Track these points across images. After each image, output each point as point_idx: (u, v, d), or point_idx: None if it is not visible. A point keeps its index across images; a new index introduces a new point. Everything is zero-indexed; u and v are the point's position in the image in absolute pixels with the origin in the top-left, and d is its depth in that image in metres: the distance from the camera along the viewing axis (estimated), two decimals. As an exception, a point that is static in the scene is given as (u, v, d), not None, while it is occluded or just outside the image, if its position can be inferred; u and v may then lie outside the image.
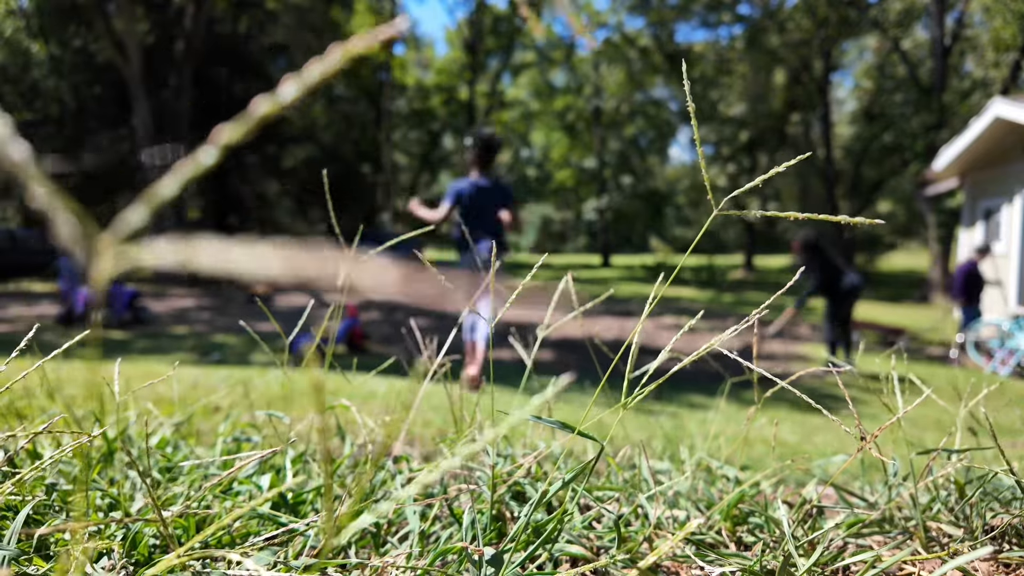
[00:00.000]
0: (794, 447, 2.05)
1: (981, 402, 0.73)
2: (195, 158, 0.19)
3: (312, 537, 0.58)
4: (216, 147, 0.19)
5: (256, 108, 0.19)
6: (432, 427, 1.53)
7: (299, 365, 4.41)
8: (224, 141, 0.19)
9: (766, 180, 0.44)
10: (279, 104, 0.19)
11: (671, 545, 0.32)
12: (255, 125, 0.19)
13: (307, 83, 0.19)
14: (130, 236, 0.18)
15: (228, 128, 0.19)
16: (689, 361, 0.52)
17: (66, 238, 0.17)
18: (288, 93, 0.19)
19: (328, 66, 0.19)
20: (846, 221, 0.42)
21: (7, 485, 0.54)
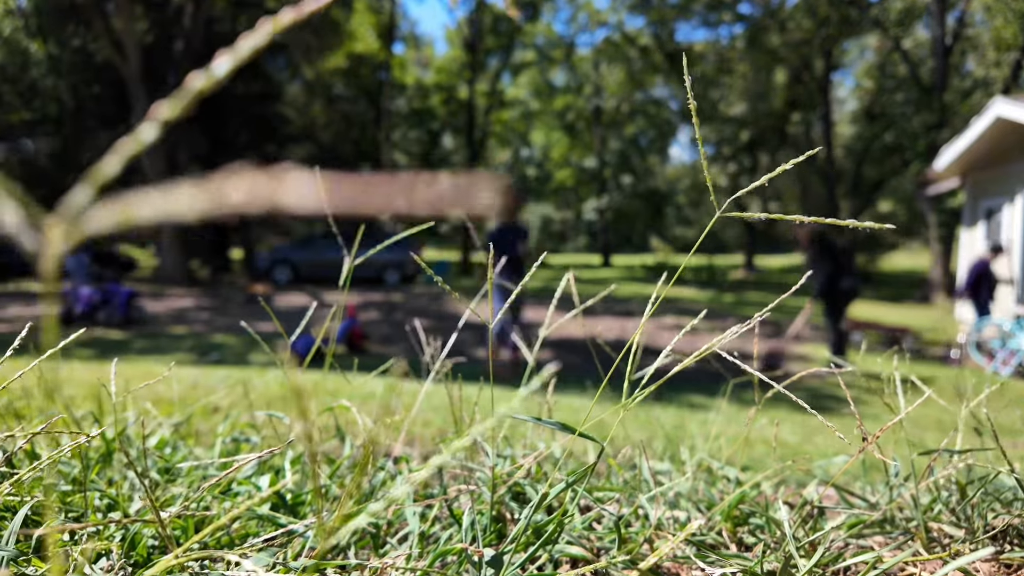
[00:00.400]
0: (795, 448, 2.05)
1: (982, 402, 0.73)
2: (136, 135, 0.19)
3: (311, 538, 0.58)
4: (156, 124, 0.19)
5: (192, 83, 0.19)
6: (432, 427, 1.53)
7: (300, 366, 4.38)
8: (163, 117, 0.19)
9: (768, 180, 0.44)
10: (213, 78, 0.19)
11: (672, 546, 0.32)
12: (192, 101, 0.19)
13: (240, 57, 0.19)
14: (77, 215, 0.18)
15: (167, 105, 0.19)
16: (691, 361, 0.52)
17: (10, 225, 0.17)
18: (222, 67, 0.19)
19: (259, 39, 0.19)
20: (852, 225, 0.41)
21: (5, 485, 0.54)
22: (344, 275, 0.66)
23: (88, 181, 0.18)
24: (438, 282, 0.53)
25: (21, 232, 0.17)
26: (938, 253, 11.70)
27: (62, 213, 0.18)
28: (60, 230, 0.18)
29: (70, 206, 0.18)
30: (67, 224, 0.18)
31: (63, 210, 0.18)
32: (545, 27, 21.67)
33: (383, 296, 10.85)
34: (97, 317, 6.64)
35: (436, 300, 10.33)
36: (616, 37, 20.33)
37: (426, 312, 8.85)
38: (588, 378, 3.92)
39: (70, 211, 0.18)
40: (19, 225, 0.17)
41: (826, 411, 3.61)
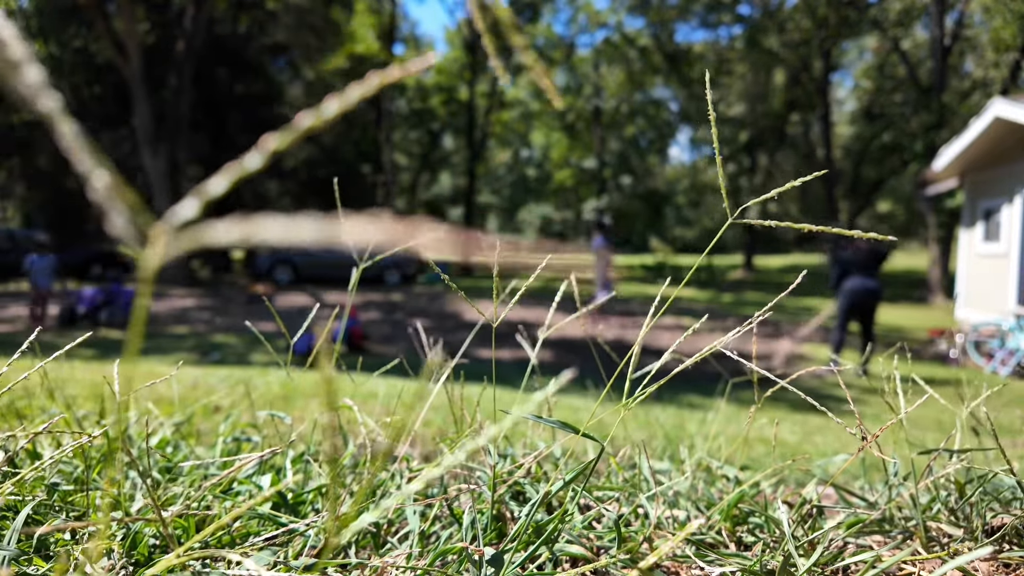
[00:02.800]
0: (794, 447, 2.05)
1: (982, 402, 0.73)
2: (242, 161, 0.20)
3: (312, 537, 0.58)
4: (262, 153, 0.20)
5: (302, 121, 0.21)
6: (432, 427, 1.53)
7: (301, 365, 4.41)
8: (270, 148, 0.20)
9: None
10: (322, 119, 0.20)
11: (671, 545, 0.32)
12: (300, 137, 0.21)
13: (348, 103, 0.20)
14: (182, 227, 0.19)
15: (275, 137, 0.20)
16: (692, 362, 0.52)
17: (120, 228, 0.18)
18: (331, 110, 0.21)
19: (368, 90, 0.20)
20: (858, 235, 0.41)
21: (7, 485, 0.54)
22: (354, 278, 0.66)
23: (195, 196, 0.19)
24: (444, 280, 0.54)
25: (129, 237, 0.18)
26: (937, 253, 11.70)
27: (168, 222, 0.19)
28: (165, 238, 0.19)
29: (174, 216, 0.19)
30: (173, 233, 0.19)
31: (169, 219, 0.19)
32: (545, 28, 21.70)
33: (383, 296, 10.85)
34: (99, 317, 6.64)
35: (436, 300, 10.33)
36: (616, 38, 20.35)
37: (426, 312, 8.85)
38: (588, 378, 3.92)
39: (175, 221, 0.19)
40: (127, 229, 0.18)
41: (824, 411, 3.60)
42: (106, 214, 0.18)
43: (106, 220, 0.18)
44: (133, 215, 0.18)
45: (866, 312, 4.87)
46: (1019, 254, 6.90)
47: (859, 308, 4.85)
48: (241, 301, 9.74)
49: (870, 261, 4.83)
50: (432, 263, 0.56)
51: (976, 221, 8.03)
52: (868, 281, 4.80)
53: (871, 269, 4.84)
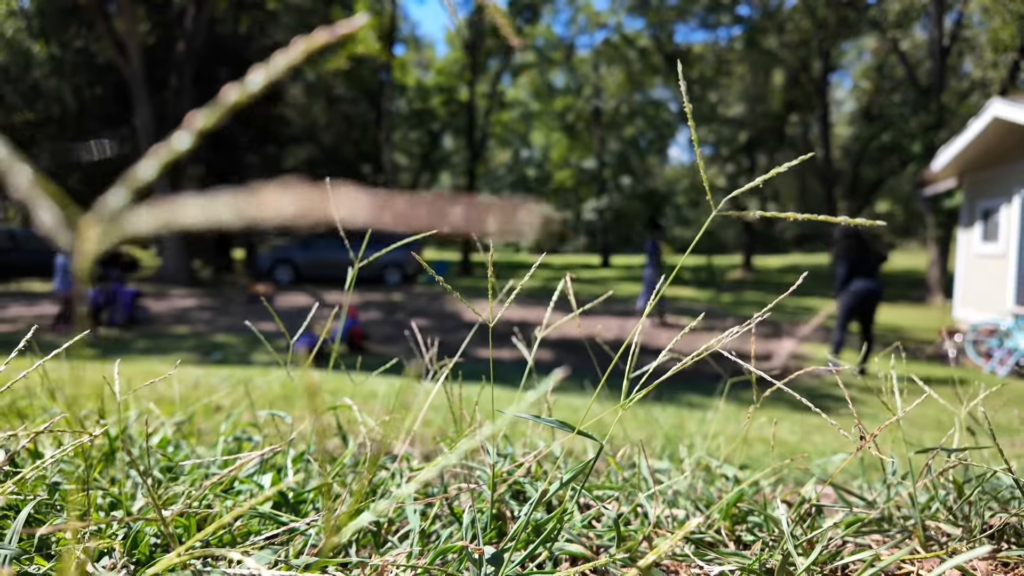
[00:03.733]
0: (793, 446, 2.05)
1: (980, 402, 0.73)
2: (170, 143, 0.19)
3: (313, 536, 0.58)
4: (192, 132, 0.19)
5: (227, 95, 0.19)
6: (432, 427, 1.53)
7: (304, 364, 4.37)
8: (198, 127, 0.19)
9: (766, 180, 0.44)
10: (248, 92, 0.19)
11: (670, 544, 0.32)
12: (226, 112, 0.19)
13: (274, 72, 0.19)
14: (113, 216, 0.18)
15: (202, 114, 0.19)
16: (689, 361, 0.53)
17: (48, 224, 0.17)
18: (256, 81, 0.19)
19: (292, 57, 0.20)
20: (845, 222, 0.42)
21: (8, 484, 0.54)
22: (350, 277, 0.66)
23: (124, 183, 0.19)
24: (440, 282, 0.54)
25: (57, 231, 0.17)
26: (935, 253, 11.72)
27: (98, 213, 0.18)
28: (95, 231, 0.18)
29: (105, 207, 0.18)
30: (103, 225, 0.18)
31: (99, 210, 0.18)
32: (545, 29, 21.71)
33: (383, 296, 10.85)
34: (101, 317, 6.64)
35: (436, 300, 10.33)
36: (615, 39, 20.36)
37: (426, 312, 8.84)
38: (587, 378, 3.92)
39: (105, 212, 0.18)
40: (56, 224, 0.17)
41: (824, 411, 3.60)
42: (33, 210, 0.17)
43: (33, 216, 0.18)
44: (60, 209, 0.17)
45: (866, 313, 4.92)
46: (1017, 254, 6.91)
47: (860, 309, 4.91)
48: (242, 301, 9.74)
49: (871, 263, 4.89)
50: (426, 264, 0.56)
51: (974, 221, 8.04)
52: (870, 282, 4.87)
53: (872, 271, 4.90)
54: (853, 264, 4.87)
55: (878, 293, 4.89)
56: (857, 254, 4.86)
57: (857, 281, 4.88)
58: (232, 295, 10.74)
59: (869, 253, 4.88)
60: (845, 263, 4.89)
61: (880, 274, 4.96)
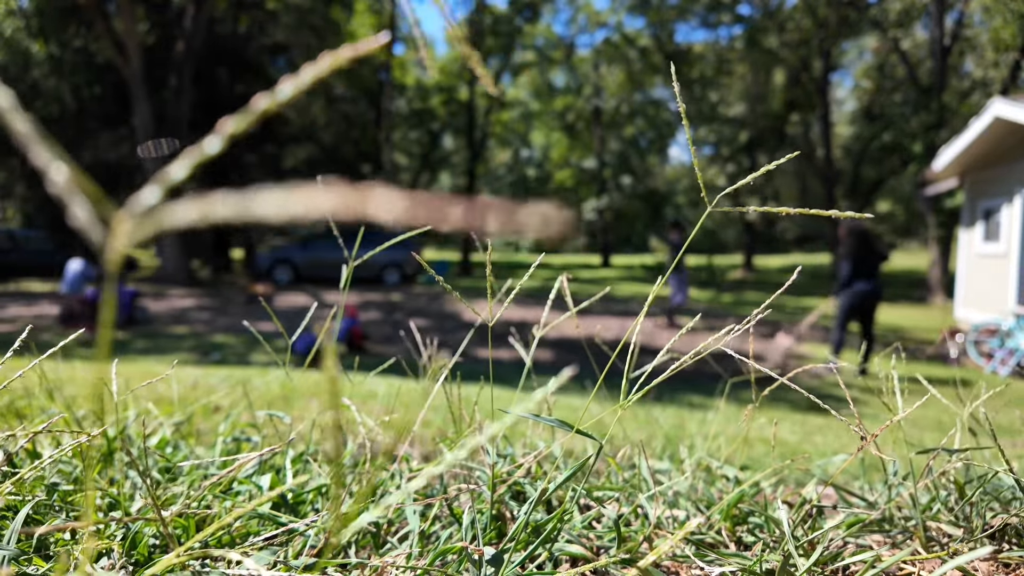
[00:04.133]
0: (794, 447, 2.05)
1: (981, 402, 0.73)
2: (200, 146, 0.20)
3: (312, 537, 0.58)
4: (220, 137, 0.20)
5: (257, 104, 0.20)
6: (432, 427, 1.53)
7: (300, 365, 4.41)
8: (228, 132, 0.20)
9: (766, 180, 0.44)
10: (278, 102, 0.19)
11: (671, 545, 0.32)
12: (256, 119, 0.20)
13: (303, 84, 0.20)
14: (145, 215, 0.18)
15: (232, 120, 0.20)
16: (688, 359, 0.52)
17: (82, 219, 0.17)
18: (285, 92, 0.20)
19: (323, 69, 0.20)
20: (836, 215, 0.42)
21: (7, 485, 0.54)
22: (345, 276, 0.66)
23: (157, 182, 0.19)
24: (439, 282, 0.54)
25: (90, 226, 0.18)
26: (936, 253, 11.71)
27: (130, 210, 0.18)
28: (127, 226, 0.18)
29: (137, 203, 0.18)
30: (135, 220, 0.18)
31: (131, 207, 0.18)
32: (545, 28, 21.70)
33: (383, 296, 10.85)
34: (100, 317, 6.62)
35: (436, 300, 10.33)
36: (616, 38, 20.35)
37: (426, 312, 8.84)
38: (588, 378, 3.92)
39: (138, 208, 0.18)
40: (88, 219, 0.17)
41: (824, 411, 3.60)
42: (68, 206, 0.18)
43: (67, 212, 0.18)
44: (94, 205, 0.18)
45: (866, 313, 4.92)
46: (1019, 254, 6.91)
47: (860, 309, 4.91)
48: (241, 301, 9.74)
49: (874, 263, 4.89)
50: (426, 264, 0.56)
51: (976, 221, 8.04)
52: (870, 283, 4.87)
53: (874, 271, 4.90)
54: (856, 263, 4.87)
55: (878, 294, 4.90)
56: (861, 254, 4.86)
57: (858, 281, 4.87)
58: (231, 295, 10.74)
59: (873, 253, 4.88)
60: (849, 262, 4.89)
61: (880, 274, 4.96)
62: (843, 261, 4.96)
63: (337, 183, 0.17)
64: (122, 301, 6.73)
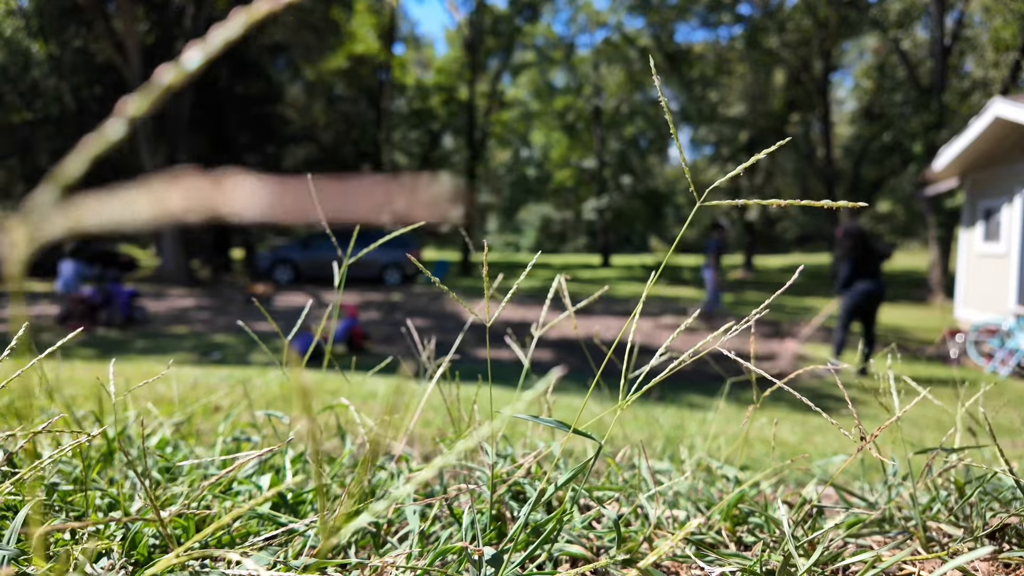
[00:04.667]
0: (794, 447, 2.05)
1: (980, 402, 0.73)
2: (101, 133, 0.19)
3: (312, 537, 0.58)
4: (122, 120, 0.18)
5: (161, 77, 0.19)
6: (432, 427, 1.53)
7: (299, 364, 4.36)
8: (130, 113, 0.19)
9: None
10: (184, 72, 0.19)
11: (671, 545, 0.32)
12: (161, 96, 0.19)
13: (211, 49, 0.19)
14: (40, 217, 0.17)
15: (133, 100, 0.19)
16: (686, 358, 0.52)
17: None
18: (193, 59, 0.19)
19: (233, 31, 0.19)
20: (828, 206, 0.42)
21: (7, 485, 0.54)
22: (339, 275, 0.66)
23: (52, 181, 0.18)
24: (435, 283, 0.54)
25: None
26: (937, 253, 11.71)
27: (25, 214, 0.18)
28: (23, 232, 0.17)
29: (34, 207, 0.18)
30: (30, 226, 0.17)
31: (27, 211, 0.18)
32: (545, 28, 21.69)
33: (383, 296, 10.85)
34: (98, 318, 6.62)
35: (436, 300, 10.33)
36: (616, 38, 20.34)
37: (426, 312, 8.84)
38: (588, 378, 3.92)
39: (34, 212, 0.18)
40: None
41: (825, 411, 3.59)
42: None
43: None
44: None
45: (868, 313, 4.91)
46: (1019, 254, 6.91)
47: (862, 309, 4.90)
48: (241, 301, 9.74)
49: (875, 262, 4.87)
50: (421, 266, 0.56)
51: (976, 221, 8.03)
52: (872, 283, 4.85)
53: (876, 271, 4.88)
54: (856, 263, 4.85)
55: (880, 294, 4.87)
56: (860, 253, 4.84)
57: (860, 281, 4.85)
58: (231, 295, 10.74)
59: (873, 252, 4.86)
60: (849, 262, 4.88)
61: (882, 273, 4.95)
62: (842, 263, 4.95)
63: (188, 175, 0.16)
64: (120, 301, 6.73)
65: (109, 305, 6.67)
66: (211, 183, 0.16)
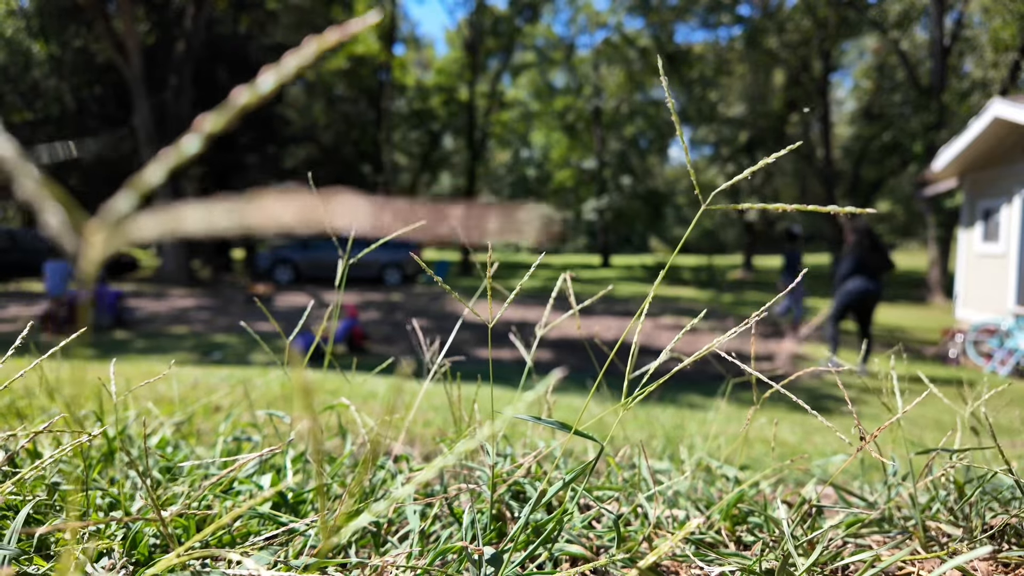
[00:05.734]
0: (794, 447, 2.05)
1: (982, 402, 0.73)
2: (179, 146, 0.19)
3: (312, 536, 0.58)
4: (200, 136, 0.19)
5: (237, 97, 0.19)
6: (432, 427, 1.53)
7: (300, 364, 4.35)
8: (208, 130, 0.19)
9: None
10: (259, 94, 0.19)
11: (671, 545, 0.32)
12: (237, 114, 0.19)
13: (285, 74, 0.19)
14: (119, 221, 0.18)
15: (211, 117, 0.19)
16: (691, 361, 0.52)
17: (54, 227, 0.17)
18: (267, 83, 0.19)
19: (305, 58, 0.19)
20: (834, 211, 0.41)
21: (7, 484, 0.54)
22: (339, 274, 0.66)
23: (131, 188, 0.18)
24: (438, 282, 0.54)
25: (64, 235, 0.17)
26: (936, 253, 11.72)
27: (104, 218, 0.18)
28: (101, 235, 0.18)
29: (111, 212, 0.18)
30: (108, 229, 0.18)
31: (104, 215, 0.18)
32: (545, 29, 21.70)
33: (383, 296, 10.85)
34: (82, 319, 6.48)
35: (436, 300, 10.33)
36: (616, 38, 20.35)
37: (426, 312, 8.84)
38: (588, 378, 3.92)
39: (111, 217, 0.18)
40: (62, 228, 0.17)
41: (825, 411, 3.60)
42: (40, 212, 0.17)
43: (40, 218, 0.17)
44: (67, 213, 0.17)
45: (865, 312, 4.92)
46: (1018, 254, 6.91)
47: (858, 307, 4.91)
48: (241, 301, 9.74)
49: (876, 262, 4.88)
50: (424, 265, 0.56)
51: (975, 221, 8.04)
52: (870, 282, 4.86)
53: (875, 270, 4.90)
54: (859, 260, 4.86)
55: (877, 293, 4.88)
56: (866, 251, 4.86)
57: (857, 279, 4.87)
58: (231, 295, 10.74)
59: (878, 251, 4.88)
60: (852, 258, 4.89)
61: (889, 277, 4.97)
62: (846, 257, 4.95)
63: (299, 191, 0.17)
64: (107, 302, 6.64)
65: (94, 307, 6.55)
66: (320, 199, 0.16)
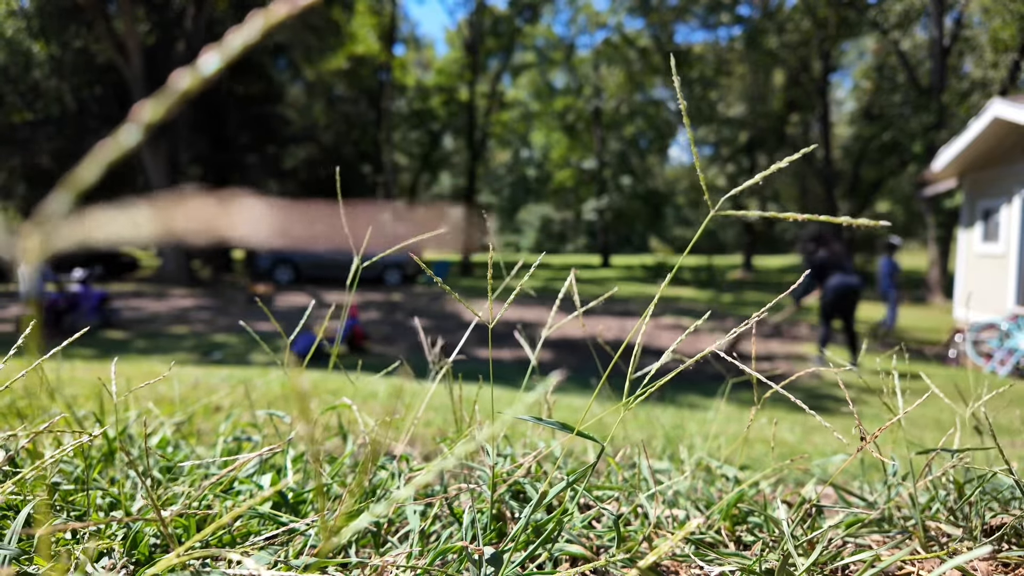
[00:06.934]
0: (793, 447, 2.05)
1: (984, 402, 0.73)
2: (115, 139, 0.18)
3: (312, 536, 0.58)
4: (138, 126, 0.18)
5: (178, 82, 0.18)
6: (432, 427, 1.53)
7: (300, 365, 4.36)
8: (146, 119, 0.18)
9: (765, 181, 0.44)
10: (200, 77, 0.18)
11: (671, 544, 0.32)
12: (177, 101, 0.18)
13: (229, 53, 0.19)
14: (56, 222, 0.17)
15: (149, 105, 0.18)
16: (692, 363, 0.53)
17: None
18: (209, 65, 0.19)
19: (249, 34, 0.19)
20: (848, 223, 0.41)
21: (8, 484, 0.54)
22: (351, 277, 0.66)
23: (66, 187, 0.18)
24: (438, 283, 0.54)
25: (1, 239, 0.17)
26: (936, 253, 11.72)
27: (38, 221, 0.17)
28: (36, 239, 0.17)
29: (47, 213, 0.17)
30: (43, 233, 0.17)
31: (39, 218, 0.17)
32: (545, 29, 21.71)
33: (384, 296, 10.85)
34: (64, 321, 6.28)
35: (436, 300, 10.33)
36: (616, 39, 20.37)
37: (426, 312, 8.85)
38: (589, 378, 3.92)
39: (47, 219, 0.17)
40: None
41: (824, 411, 3.61)
42: None
43: None
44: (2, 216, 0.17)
45: (847, 309, 4.96)
46: (1018, 254, 6.91)
47: (841, 305, 4.94)
48: (242, 301, 9.74)
49: (845, 258, 4.94)
50: (424, 265, 0.56)
51: (975, 221, 8.04)
52: (849, 278, 4.90)
53: (848, 266, 4.94)
54: (826, 263, 4.88)
55: (857, 288, 4.91)
56: (828, 253, 4.91)
57: (836, 277, 4.90)
58: (231, 295, 10.74)
59: (840, 246, 4.94)
60: (815, 264, 4.93)
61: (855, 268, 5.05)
62: (807, 266, 5.01)
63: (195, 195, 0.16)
64: (91, 304, 6.56)
65: (75, 309, 6.44)
66: (218, 205, 0.16)
